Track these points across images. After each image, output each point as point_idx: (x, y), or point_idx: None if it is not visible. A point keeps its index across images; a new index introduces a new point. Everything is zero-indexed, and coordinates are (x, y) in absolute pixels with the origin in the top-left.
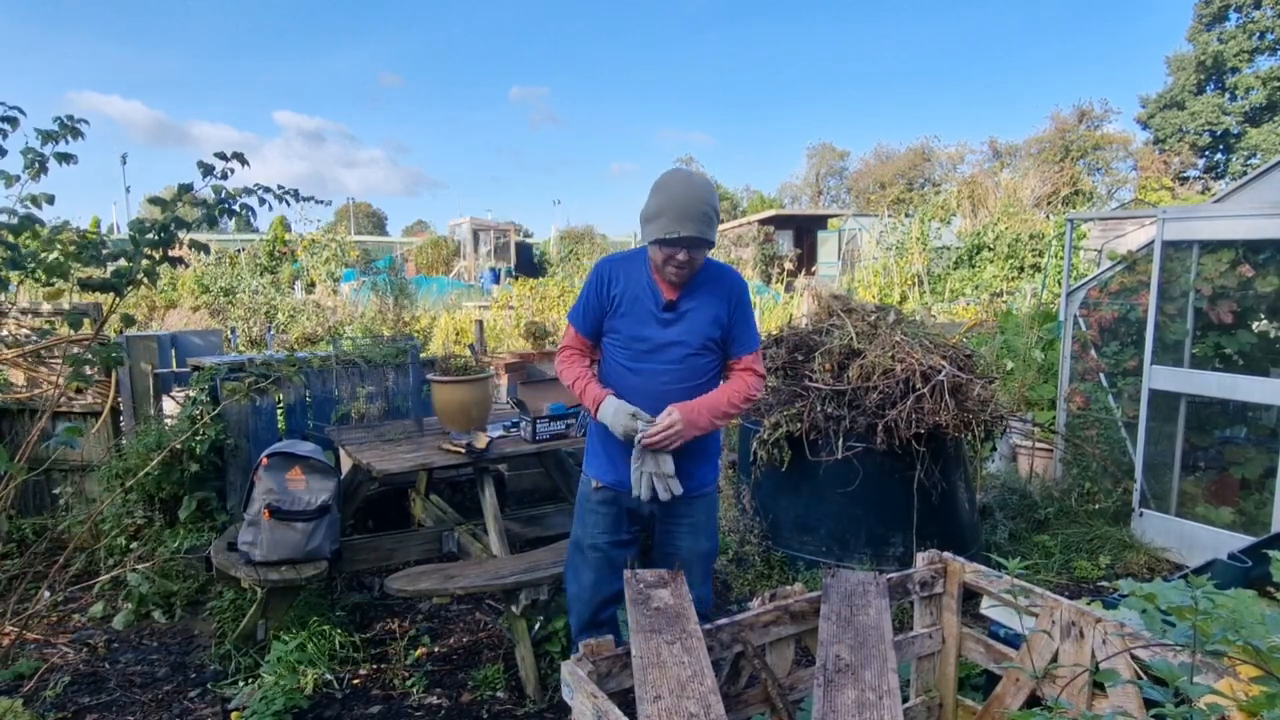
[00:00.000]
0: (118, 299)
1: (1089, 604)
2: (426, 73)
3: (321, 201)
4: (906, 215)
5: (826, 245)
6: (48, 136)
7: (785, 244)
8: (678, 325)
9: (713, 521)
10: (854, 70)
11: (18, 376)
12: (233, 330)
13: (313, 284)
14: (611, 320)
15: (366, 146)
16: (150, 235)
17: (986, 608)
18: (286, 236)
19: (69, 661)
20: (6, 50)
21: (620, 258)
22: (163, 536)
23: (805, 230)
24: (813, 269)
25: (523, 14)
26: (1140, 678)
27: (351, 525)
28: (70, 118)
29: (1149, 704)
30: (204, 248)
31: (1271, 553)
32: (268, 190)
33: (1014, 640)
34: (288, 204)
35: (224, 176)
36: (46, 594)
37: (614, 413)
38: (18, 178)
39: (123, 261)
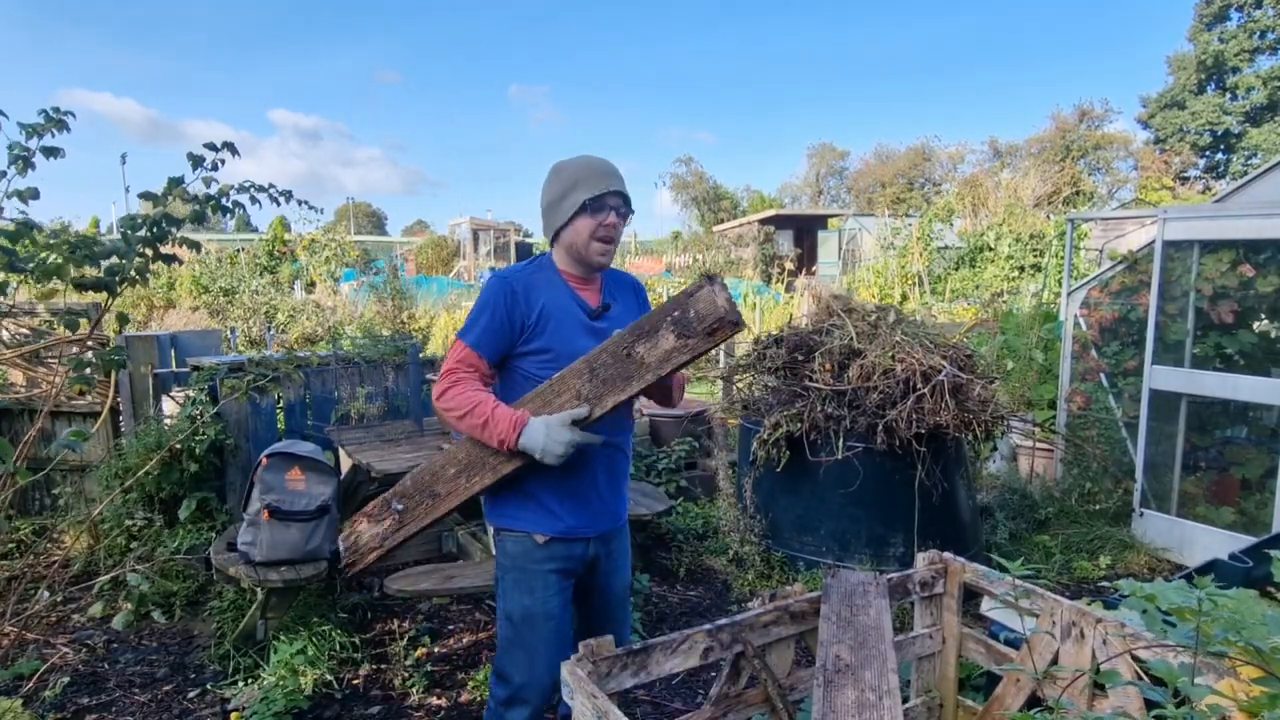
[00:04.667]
0: (111, 298)
1: (1089, 604)
2: (424, 71)
3: (314, 208)
4: (908, 215)
5: (826, 245)
6: (32, 130)
7: (785, 244)
8: (610, 332)
9: (629, 549)
10: (855, 70)
11: (17, 377)
12: (232, 330)
13: (312, 284)
14: (534, 340)
15: (364, 145)
16: (142, 232)
17: (987, 608)
18: (286, 236)
19: (68, 662)
20: None
21: (526, 270)
22: (162, 537)
23: (805, 230)
24: (813, 269)
25: (522, 11)
26: (1141, 678)
27: None
28: (56, 110)
29: (1150, 705)
30: (194, 244)
31: (1272, 553)
32: (261, 189)
33: (1014, 641)
34: (279, 204)
35: (214, 168)
36: (46, 594)
37: (547, 430)
38: (3, 174)
39: (115, 259)
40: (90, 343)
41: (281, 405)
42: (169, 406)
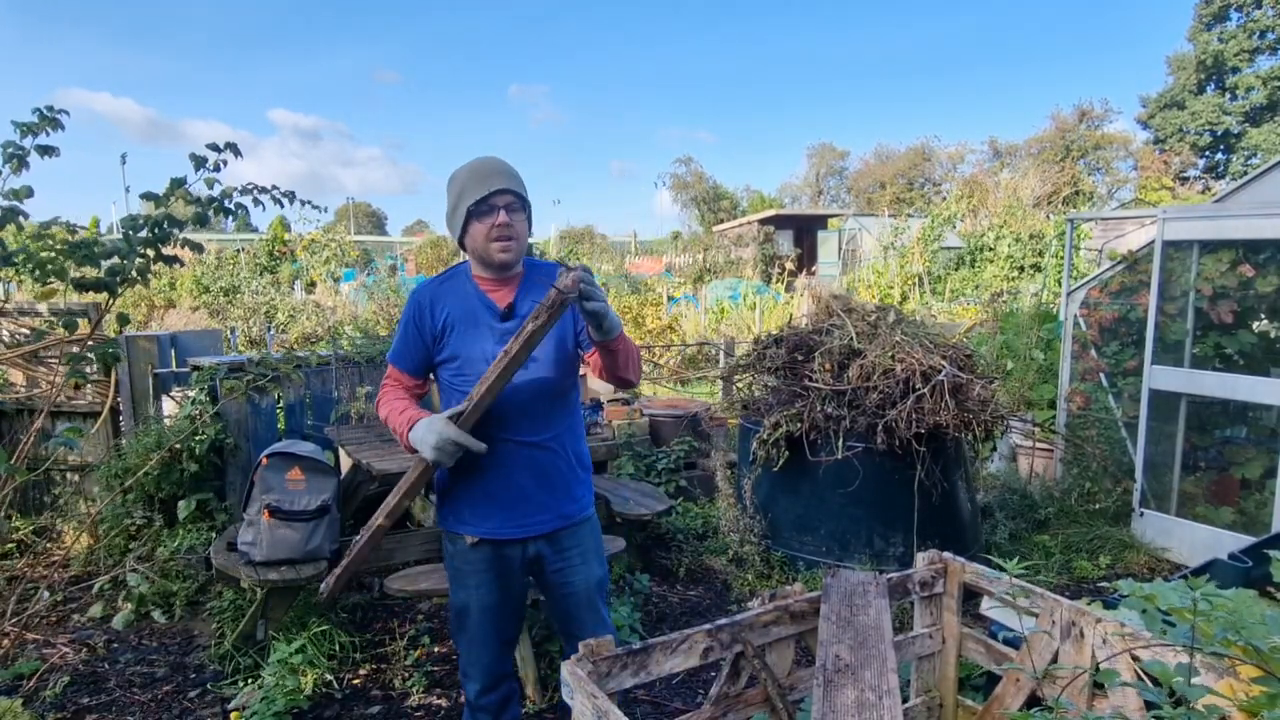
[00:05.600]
0: (112, 299)
1: (1089, 604)
2: (424, 71)
3: (317, 206)
4: (909, 215)
5: (826, 245)
6: (26, 129)
7: (785, 244)
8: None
9: (600, 546)
10: (855, 70)
11: (17, 377)
12: (232, 330)
13: (313, 284)
14: (443, 349)
15: (364, 145)
16: (144, 233)
17: (987, 608)
18: (286, 236)
19: (69, 661)
20: None
21: (437, 280)
22: (162, 537)
23: (805, 230)
24: (813, 269)
25: (522, 11)
26: (1141, 678)
27: (351, 525)
28: (50, 108)
29: (1150, 704)
30: (197, 246)
31: (1272, 553)
32: (263, 190)
33: (1014, 640)
34: (282, 205)
35: (217, 169)
36: (46, 594)
37: (426, 427)
38: None
39: (116, 260)
40: (90, 342)
41: (281, 405)
42: (169, 406)
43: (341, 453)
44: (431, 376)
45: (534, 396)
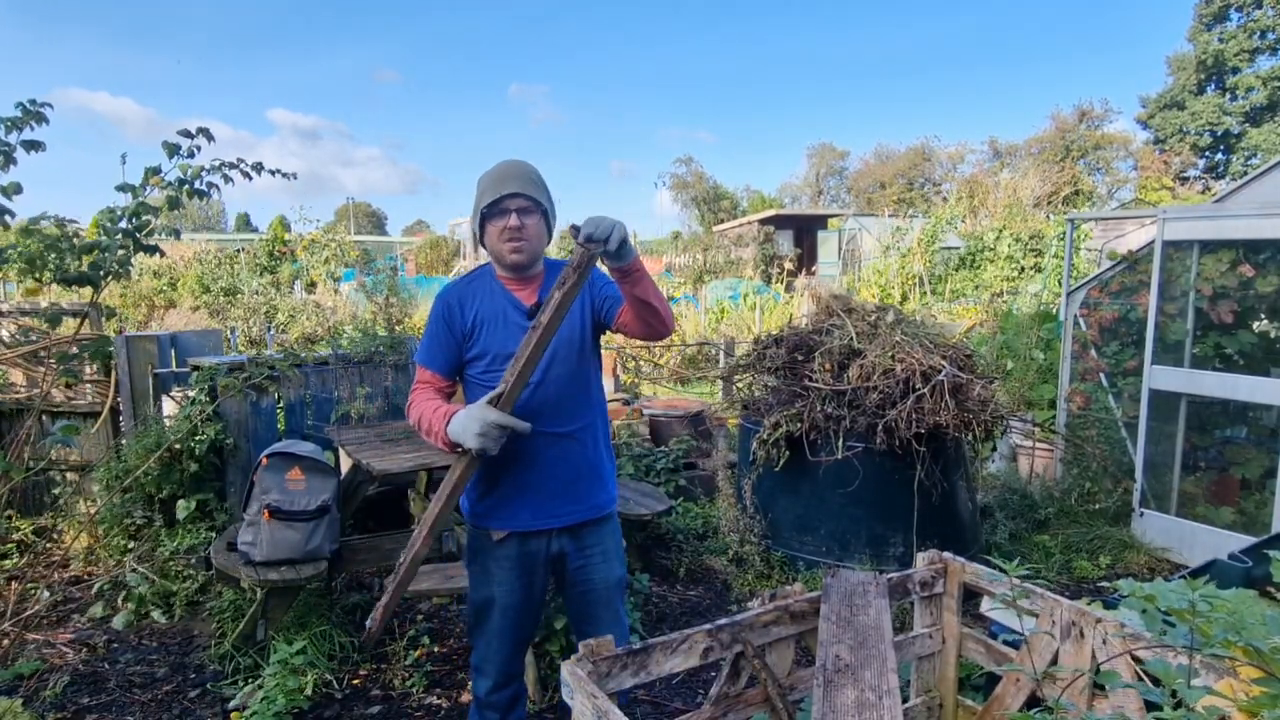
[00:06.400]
0: (96, 292)
1: (1089, 604)
2: (424, 71)
3: (287, 175)
4: (910, 215)
5: (826, 245)
6: (11, 124)
7: (785, 244)
8: None
9: (621, 547)
10: (855, 70)
11: (17, 377)
12: (232, 330)
13: (313, 284)
14: (473, 347)
15: (364, 145)
16: (122, 224)
17: (987, 608)
18: (286, 236)
19: (69, 661)
20: None
21: (463, 281)
22: (162, 537)
23: (805, 230)
24: (813, 269)
25: (522, 11)
26: (1141, 679)
27: (351, 525)
28: (33, 102)
29: (1150, 704)
30: (174, 232)
31: (1272, 553)
32: (232, 165)
33: (1014, 641)
34: (250, 178)
35: (190, 155)
36: (46, 594)
37: (466, 415)
38: None
39: (96, 253)
40: (76, 332)
41: (281, 405)
42: (169, 406)
43: (341, 453)
44: (458, 377)
45: (559, 387)
